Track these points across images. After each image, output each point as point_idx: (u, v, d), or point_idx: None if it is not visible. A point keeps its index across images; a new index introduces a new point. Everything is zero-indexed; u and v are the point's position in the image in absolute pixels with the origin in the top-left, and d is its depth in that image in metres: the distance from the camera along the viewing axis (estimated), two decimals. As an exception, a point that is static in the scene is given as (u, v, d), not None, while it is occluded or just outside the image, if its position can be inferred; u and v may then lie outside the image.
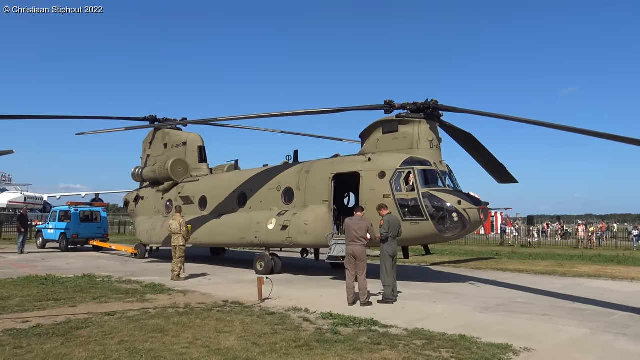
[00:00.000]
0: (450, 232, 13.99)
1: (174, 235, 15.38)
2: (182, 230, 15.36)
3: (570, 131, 11.97)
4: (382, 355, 6.88)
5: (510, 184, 18.04)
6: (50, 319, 8.99)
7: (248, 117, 17.52)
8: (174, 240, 15.38)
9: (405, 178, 14.41)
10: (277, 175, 17.81)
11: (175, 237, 15.35)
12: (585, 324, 9.27)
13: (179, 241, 15.31)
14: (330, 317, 9.37)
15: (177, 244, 15.28)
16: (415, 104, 15.18)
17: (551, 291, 13.44)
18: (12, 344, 7.19)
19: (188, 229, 15.68)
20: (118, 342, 7.36)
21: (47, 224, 29.75)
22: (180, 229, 15.34)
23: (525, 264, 21.62)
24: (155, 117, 23.10)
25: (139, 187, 24.66)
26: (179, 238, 15.33)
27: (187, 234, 15.57)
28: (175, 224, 15.42)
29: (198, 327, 8.47)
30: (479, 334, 8.08)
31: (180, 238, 15.32)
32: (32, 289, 12.69)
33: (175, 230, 15.36)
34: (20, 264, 19.81)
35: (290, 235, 16.22)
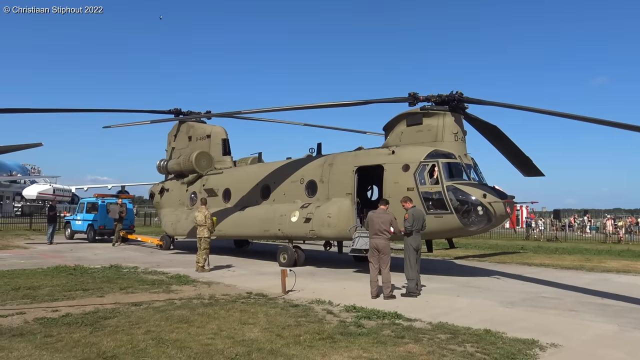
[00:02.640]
0: (475, 225, 13.85)
1: (199, 227, 15.54)
2: (207, 223, 15.51)
3: (599, 123, 11.72)
4: (406, 349, 6.85)
5: (536, 177, 17.77)
6: (79, 309, 9.19)
7: (271, 110, 17.55)
8: (199, 232, 15.54)
9: (429, 171, 14.29)
10: (300, 168, 17.84)
11: (201, 229, 15.51)
12: (614, 320, 9.09)
13: (204, 233, 15.46)
14: (354, 310, 9.37)
15: (202, 236, 15.44)
16: (440, 96, 15.01)
17: (578, 286, 13.21)
18: (42, 333, 7.38)
19: (213, 221, 15.84)
20: (145, 332, 7.48)
21: (75, 215, 30.37)
22: (205, 221, 15.50)
23: (552, 258, 21.30)
24: (180, 110, 23.33)
25: (164, 180, 24.96)
26: (204, 230, 15.48)
27: (212, 226, 15.72)
28: (200, 216, 15.58)
29: (223, 318, 8.55)
30: (504, 329, 7.99)
31: (205, 230, 15.48)
32: (61, 278, 12.98)
33: (200, 222, 15.52)
34: (49, 254, 20.27)
35: (314, 228, 16.24)
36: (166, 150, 25.10)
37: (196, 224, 15.76)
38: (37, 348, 6.59)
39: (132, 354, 6.43)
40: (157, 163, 24.83)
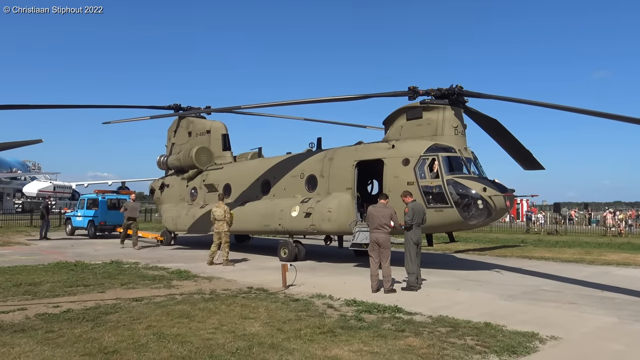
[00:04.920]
0: (475, 219, 13.85)
1: (218, 222, 15.87)
2: (227, 217, 15.90)
3: (599, 116, 11.70)
4: (406, 342, 6.87)
5: (536, 171, 17.78)
6: (80, 304, 9.20)
7: (271, 105, 17.52)
8: (218, 226, 15.88)
9: (429, 165, 14.29)
10: (300, 163, 17.84)
11: (220, 223, 15.87)
12: (614, 312, 9.11)
13: (224, 227, 15.85)
14: (354, 304, 9.39)
15: (222, 230, 15.85)
16: (440, 90, 14.99)
17: (578, 279, 13.24)
18: (44, 328, 7.38)
19: (232, 215, 16.20)
20: (146, 327, 7.50)
21: (75, 211, 30.36)
22: (224, 215, 15.88)
23: (552, 251, 21.33)
24: (180, 106, 23.30)
25: (165, 175, 24.96)
26: (224, 224, 15.85)
27: (230, 220, 16.07)
28: (219, 211, 15.91)
29: (223, 313, 8.57)
30: (504, 322, 8.01)
31: (224, 224, 15.86)
32: (62, 274, 12.99)
33: (219, 217, 15.87)
34: (50, 250, 20.30)
35: (314, 223, 16.26)
36: (166, 145, 25.07)
37: (214, 219, 15.96)
38: (38, 344, 6.61)
39: (134, 349, 6.44)
40: (157, 159, 24.82)
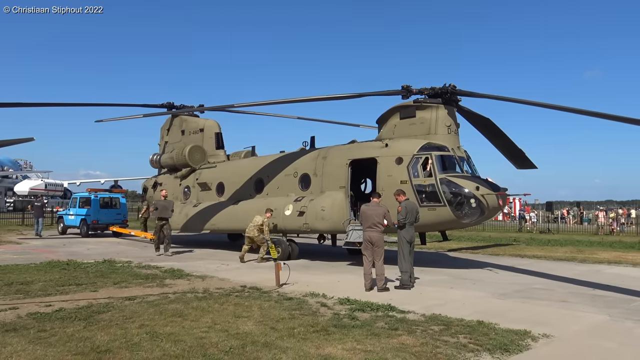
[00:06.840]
0: (468, 218, 13.91)
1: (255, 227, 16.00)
2: (265, 228, 15.99)
3: (591, 115, 11.75)
4: (399, 341, 6.89)
5: (529, 170, 17.86)
6: (73, 303, 9.16)
7: (264, 104, 17.49)
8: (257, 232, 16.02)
9: (422, 164, 14.32)
10: (294, 162, 17.84)
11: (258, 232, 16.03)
12: (606, 310, 9.17)
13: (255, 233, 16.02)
14: (348, 303, 9.41)
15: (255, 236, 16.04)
16: (433, 88, 15.03)
17: (570, 277, 13.31)
18: (36, 327, 7.35)
19: (269, 227, 16.24)
20: (139, 326, 7.48)
21: (67, 210, 30.21)
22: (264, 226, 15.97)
23: (544, 250, 21.44)
24: (173, 104, 23.23)
25: (157, 174, 24.90)
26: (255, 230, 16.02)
27: (267, 234, 16.15)
28: (260, 219, 16.04)
29: (217, 311, 8.56)
30: (497, 320, 8.05)
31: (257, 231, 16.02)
32: (54, 273, 12.93)
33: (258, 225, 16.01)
34: (42, 249, 20.17)
35: (307, 221, 16.26)
36: (159, 144, 25.01)
37: (257, 226, 15.99)
38: (30, 343, 6.57)
39: (126, 348, 6.42)
40: (150, 157, 24.76)
